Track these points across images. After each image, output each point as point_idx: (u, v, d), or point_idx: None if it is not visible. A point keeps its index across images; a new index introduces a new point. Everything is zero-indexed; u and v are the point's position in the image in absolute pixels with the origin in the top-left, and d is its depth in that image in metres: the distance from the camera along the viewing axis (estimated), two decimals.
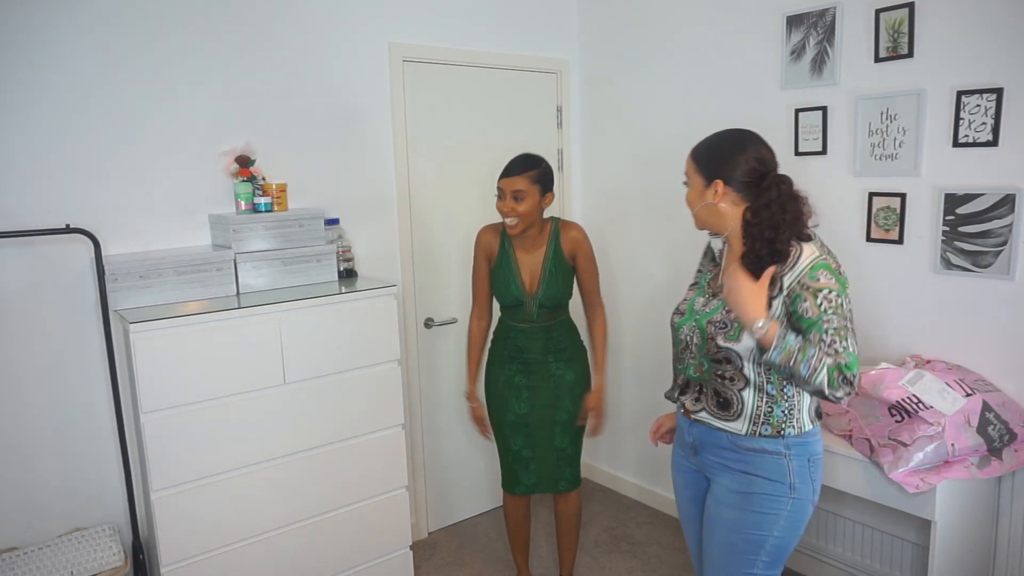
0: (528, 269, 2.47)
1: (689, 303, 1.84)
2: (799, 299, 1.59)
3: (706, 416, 1.78)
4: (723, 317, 1.70)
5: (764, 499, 1.70)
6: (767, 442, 1.70)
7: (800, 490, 1.70)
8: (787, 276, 1.61)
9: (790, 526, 1.71)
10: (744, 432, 1.71)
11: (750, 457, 1.72)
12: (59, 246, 2.29)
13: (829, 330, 1.56)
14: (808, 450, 1.72)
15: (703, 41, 2.96)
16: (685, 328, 1.81)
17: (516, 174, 2.35)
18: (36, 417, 2.30)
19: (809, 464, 1.72)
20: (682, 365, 1.84)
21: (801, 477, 1.70)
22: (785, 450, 1.70)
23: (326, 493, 2.47)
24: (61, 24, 2.23)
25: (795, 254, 1.62)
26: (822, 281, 1.58)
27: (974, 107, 2.19)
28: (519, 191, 2.33)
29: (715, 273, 1.84)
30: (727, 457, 1.76)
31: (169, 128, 2.45)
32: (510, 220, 2.37)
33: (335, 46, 2.77)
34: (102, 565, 2.17)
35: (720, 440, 1.76)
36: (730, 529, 1.75)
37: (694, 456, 1.86)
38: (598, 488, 3.69)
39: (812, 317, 1.58)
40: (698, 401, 1.80)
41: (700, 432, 1.81)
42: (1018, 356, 2.21)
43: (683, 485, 1.96)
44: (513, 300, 2.47)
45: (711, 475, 1.82)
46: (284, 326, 2.31)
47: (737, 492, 1.74)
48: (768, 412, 1.69)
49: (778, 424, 1.69)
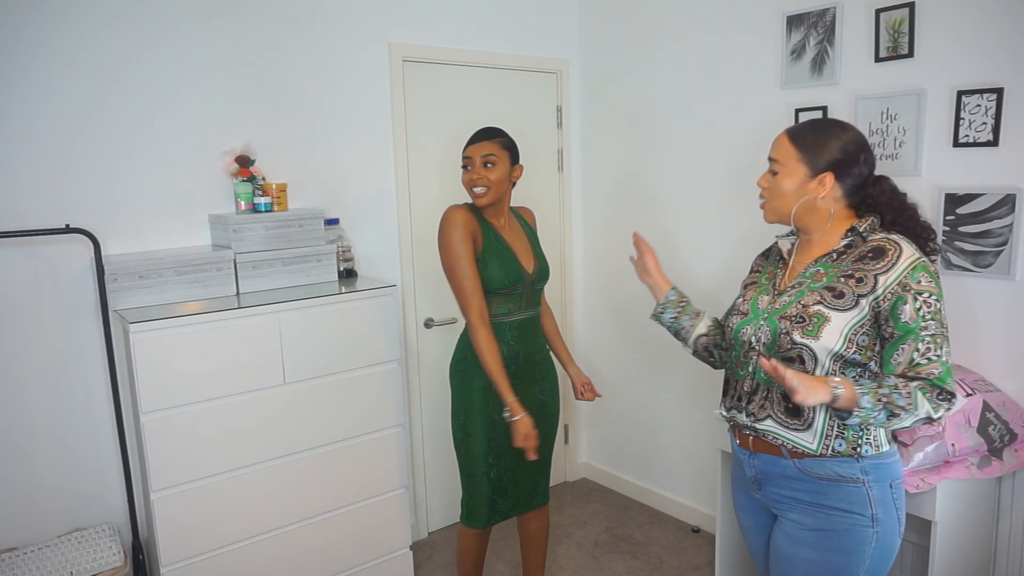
0: (521, 248, 2.27)
1: (751, 303, 1.70)
2: (900, 301, 1.48)
3: (771, 425, 1.60)
4: (799, 311, 1.56)
5: (846, 536, 1.54)
6: (842, 465, 1.54)
7: (884, 521, 1.54)
8: (883, 275, 1.51)
9: (876, 564, 1.55)
10: (816, 447, 1.55)
11: (823, 487, 1.56)
12: (59, 246, 2.29)
13: (926, 337, 1.47)
14: (889, 473, 1.56)
15: (703, 41, 2.96)
16: (749, 328, 1.65)
17: (484, 139, 2.18)
18: (36, 417, 2.30)
19: (892, 490, 1.56)
20: (744, 370, 1.67)
21: (884, 506, 1.54)
22: (863, 475, 1.54)
23: (326, 493, 2.47)
24: (61, 25, 2.23)
25: (893, 253, 1.52)
26: (923, 284, 1.49)
27: (974, 107, 2.19)
28: (490, 155, 2.15)
29: (784, 271, 1.70)
30: (796, 488, 1.60)
31: (169, 128, 2.45)
32: (479, 189, 2.15)
33: (335, 46, 2.77)
34: (102, 565, 2.17)
35: (786, 469, 1.60)
36: (810, 573, 1.58)
37: (757, 491, 1.70)
38: (598, 488, 3.69)
39: (910, 323, 1.47)
40: (763, 407, 1.62)
41: (763, 463, 1.65)
42: (1018, 356, 2.21)
43: (752, 527, 1.78)
44: (514, 281, 2.20)
45: (778, 510, 1.66)
46: (284, 326, 2.31)
47: (813, 530, 1.58)
48: (843, 425, 1.54)
49: (854, 439, 1.54)
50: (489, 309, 2.19)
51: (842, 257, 1.59)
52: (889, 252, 1.53)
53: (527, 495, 2.36)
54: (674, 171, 3.16)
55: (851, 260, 1.57)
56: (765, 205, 1.68)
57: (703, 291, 3.09)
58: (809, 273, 1.62)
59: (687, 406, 3.24)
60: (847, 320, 1.52)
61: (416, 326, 3.12)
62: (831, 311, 1.53)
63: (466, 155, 2.20)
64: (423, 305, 3.14)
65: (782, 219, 1.66)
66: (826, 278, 1.58)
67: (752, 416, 1.65)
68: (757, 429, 1.64)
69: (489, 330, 2.16)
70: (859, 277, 1.53)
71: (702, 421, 3.15)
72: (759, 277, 1.78)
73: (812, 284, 1.59)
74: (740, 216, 2.86)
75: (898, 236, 1.57)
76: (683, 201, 3.13)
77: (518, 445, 2.12)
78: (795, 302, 1.58)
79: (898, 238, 1.56)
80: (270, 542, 2.37)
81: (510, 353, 2.22)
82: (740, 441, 1.70)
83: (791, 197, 1.61)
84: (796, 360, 1.55)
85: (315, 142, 2.77)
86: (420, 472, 3.20)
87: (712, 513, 3.11)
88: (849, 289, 1.53)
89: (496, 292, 2.20)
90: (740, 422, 1.69)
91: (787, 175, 1.61)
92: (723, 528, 2.55)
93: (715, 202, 3.00)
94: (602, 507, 3.49)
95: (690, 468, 3.28)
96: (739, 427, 1.70)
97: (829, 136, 1.59)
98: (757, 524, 1.76)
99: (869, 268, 1.53)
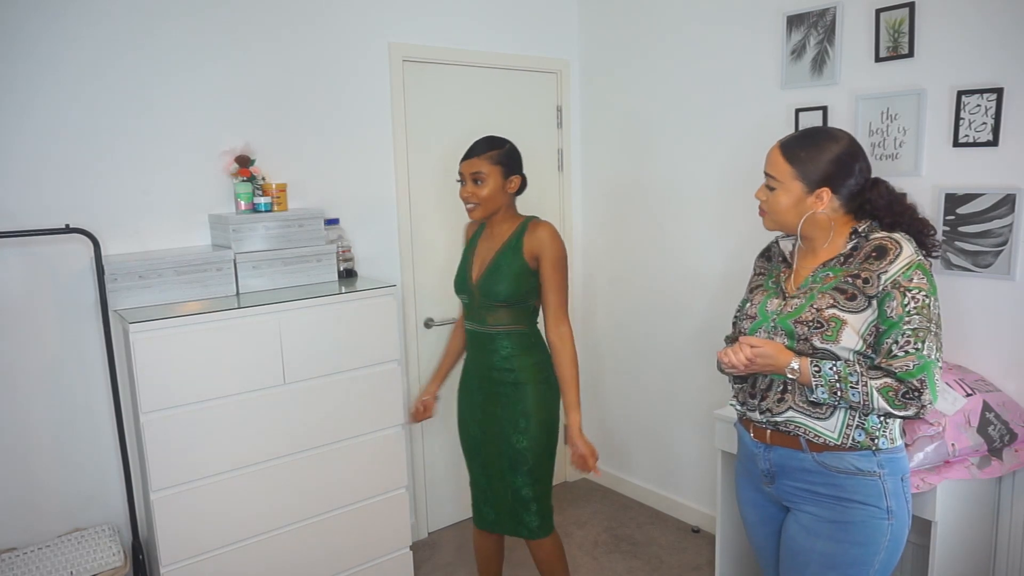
0: (481, 258, 2.23)
1: (759, 306, 1.70)
2: (888, 298, 1.51)
3: (793, 415, 1.61)
4: (815, 316, 1.56)
5: (862, 528, 1.56)
6: (859, 459, 1.56)
7: (897, 514, 1.57)
8: (885, 274, 1.53)
9: (889, 556, 1.58)
10: (837, 435, 1.57)
11: (841, 480, 1.57)
12: (59, 246, 2.29)
13: (907, 330, 1.49)
14: (900, 467, 1.60)
15: (703, 41, 2.96)
16: (762, 332, 1.66)
17: (474, 155, 2.14)
18: (36, 417, 2.30)
19: (903, 483, 1.59)
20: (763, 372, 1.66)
21: (897, 499, 1.57)
22: (879, 468, 1.56)
23: (326, 493, 2.47)
24: (60, 24, 2.23)
25: (894, 251, 1.54)
26: (915, 281, 1.51)
27: (974, 107, 2.19)
28: (478, 173, 2.13)
29: (788, 274, 1.72)
30: (813, 481, 1.61)
31: (169, 128, 2.45)
32: (469, 206, 2.16)
33: (335, 46, 2.77)
34: (102, 565, 2.17)
35: (804, 462, 1.61)
36: (826, 564, 1.59)
37: (770, 485, 1.70)
38: (598, 488, 3.69)
39: (893, 317, 1.50)
40: (782, 401, 1.63)
41: (779, 456, 1.65)
42: (1018, 356, 2.21)
43: (758, 521, 1.79)
44: (458, 289, 2.26)
45: (792, 504, 1.67)
46: (284, 326, 2.31)
47: (830, 521, 1.59)
48: (863, 415, 1.56)
49: (872, 430, 1.56)
50: None
51: (849, 260, 1.61)
52: (890, 251, 1.55)
53: (509, 518, 2.28)
54: (674, 171, 3.16)
55: (858, 261, 1.59)
56: (764, 217, 1.70)
57: (703, 291, 3.09)
58: (819, 277, 1.63)
59: (687, 406, 3.24)
60: (863, 320, 1.54)
61: (416, 326, 3.12)
62: (846, 313, 1.55)
63: (459, 170, 2.19)
64: (423, 305, 3.14)
65: (784, 231, 1.69)
66: (834, 280, 1.59)
67: (768, 412, 1.66)
68: (776, 423, 1.65)
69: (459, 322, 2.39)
70: (865, 278, 1.55)
71: (702, 421, 3.15)
72: (764, 280, 1.78)
73: (822, 287, 1.60)
74: (740, 216, 2.86)
75: (900, 235, 1.58)
76: (683, 201, 3.13)
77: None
78: (808, 305, 1.59)
79: (900, 236, 1.57)
80: (270, 542, 2.37)
81: (468, 357, 2.33)
82: (755, 434, 1.71)
83: (790, 212, 1.63)
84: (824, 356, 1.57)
85: (315, 142, 2.77)
86: (420, 472, 3.20)
87: (712, 513, 3.11)
88: (858, 290, 1.55)
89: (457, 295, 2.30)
90: (755, 419, 1.69)
91: (784, 192, 1.62)
92: (723, 528, 2.55)
93: (715, 202, 3.00)
94: (602, 507, 3.49)
95: (690, 468, 3.28)
96: (753, 421, 1.71)
97: (822, 150, 1.59)
98: (763, 518, 1.76)
99: (874, 268, 1.55)
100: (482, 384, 2.26)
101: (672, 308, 3.24)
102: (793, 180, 1.61)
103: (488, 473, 2.29)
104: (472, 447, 2.33)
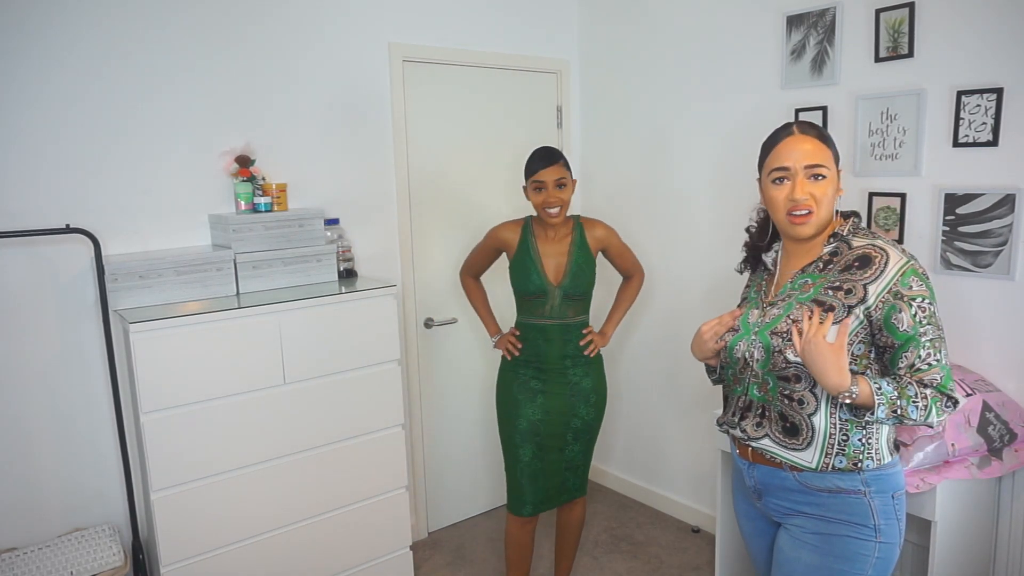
0: (552, 260, 2.42)
1: (742, 318, 1.64)
2: (893, 310, 1.44)
3: (768, 444, 1.57)
4: (788, 326, 1.51)
5: (848, 545, 1.52)
6: (842, 479, 1.51)
7: (886, 532, 1.51)
8: (872, 284, 1.46)
9: (877, 574, 1.52)
10: (815, 465, 1.52)
11: (824, 499, 1.53)
12: (59, 246, 2.29)
13: (925, 342, 1.44)
14: (890, 484, 1.53)
15: (703, 41, 2.96)
16: (742, 344, 1.60)
17: (555, 163, 2.35)
18: (36, 417, 2.30)
19: (893, 501, 1.53)
20: (742, 386, 1.64)
21: (886, 517, 1.52)
22: (864, 487, 1.51)
23: (326, 493, 2.47)
24: (59, 24, 2.23)
25: (880, 260, 1.47)
26: (914, 289, 1.45)
27: (974, 107, 2.19)
28: (562, 179, 2.34)
29: (769, 283, 1.66)
30: (797, 500, 1.57)
31: (169, 128, 2.45)
32: (553, 210, 2.35)
33: (335, 46, 2.77)
34: (102, 565, 2.17)
35: (786, 481, 1.57)
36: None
37: (758, 501, 1.67)
38: (598, 488, 3.69)
39: (908, 330, 1.44)
40: (760, 426, 1.59)
41: (762, 474, 1.62)
42: (1018, 356, 2.21)
43: (753, 533, 1.76)
44: (536, 290, 2.40)
45: (781, 519, 1.64)
46: (284, 326, 2.31)
47: (816, 534, 1.55)
48: (843, 440, 1.50)
49: (854, 455, 1.50)
50: (521, 312, 2.50)
51: (828, 267, 1.54)
52: (876, 260, 1.48)
53: (556, 490, 2.51)
54: (674, 171, 3.16)
55: (837, 270, 1.52)
56: (811, 218, 1.53)
57: (702, 290, 3.10)
58: (797, 284, 1.57)
59: (687, 406, 3.24)
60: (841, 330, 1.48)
61: (416, 326, 3.12)
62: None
63: (538, 179, 2.35)
64: (423, 305, 3.14)
65: (823, 228, 1.57)
66: (813, 289, 1.53)
67: (745, 433, 1.63)
68: (752, 446, 1.62)
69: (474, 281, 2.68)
70: (847, 288, 1.48)
71: (702, 421, 3.15)
72: (749, 291, 1.74)
73: (800, 296, 1.54)
74: (740, 216, 2.85)
75: (884, 241, 1.52)
76: (683, 201, 3.13)
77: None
78: (784, 315, 1.54)
79: (884, 243, 1.51)
80: (270, 542, 2.37)
81: (533, 351, 2.46)
82: (740, 451, 1.68)
83: (833, 202, 1.55)
84: (792, 379, 1.52)
85: (315, 142, 2.77)
86: (420, 472, 3.20)
87: (712, 513, 3.11)
88: (838, 302, 1.48)
89: (520, 296, 2.47)
90: (736, 435, 1.67)
91: (831, 180, 1.53)
92: (723, 528, 2.56)
93: (715, 202, 3.00)
94: (602, 507, 3.49)
95: (690, 468, 3.28)
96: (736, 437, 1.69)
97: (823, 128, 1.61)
98: (757, 531, 1.74)
99: (857, 278, 1.48)
100: (549, 371, 2.45)
101: (672, 307, 3.24)
102: (833, 164, 1.54)
103: (542, 454, 2.46)
104: (528, 431, 2.45)
